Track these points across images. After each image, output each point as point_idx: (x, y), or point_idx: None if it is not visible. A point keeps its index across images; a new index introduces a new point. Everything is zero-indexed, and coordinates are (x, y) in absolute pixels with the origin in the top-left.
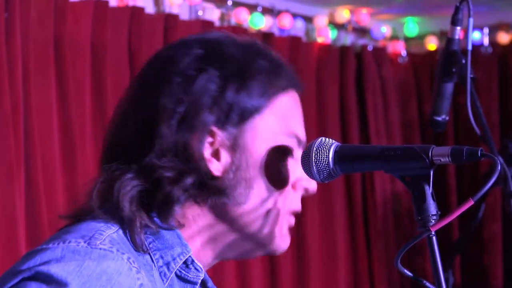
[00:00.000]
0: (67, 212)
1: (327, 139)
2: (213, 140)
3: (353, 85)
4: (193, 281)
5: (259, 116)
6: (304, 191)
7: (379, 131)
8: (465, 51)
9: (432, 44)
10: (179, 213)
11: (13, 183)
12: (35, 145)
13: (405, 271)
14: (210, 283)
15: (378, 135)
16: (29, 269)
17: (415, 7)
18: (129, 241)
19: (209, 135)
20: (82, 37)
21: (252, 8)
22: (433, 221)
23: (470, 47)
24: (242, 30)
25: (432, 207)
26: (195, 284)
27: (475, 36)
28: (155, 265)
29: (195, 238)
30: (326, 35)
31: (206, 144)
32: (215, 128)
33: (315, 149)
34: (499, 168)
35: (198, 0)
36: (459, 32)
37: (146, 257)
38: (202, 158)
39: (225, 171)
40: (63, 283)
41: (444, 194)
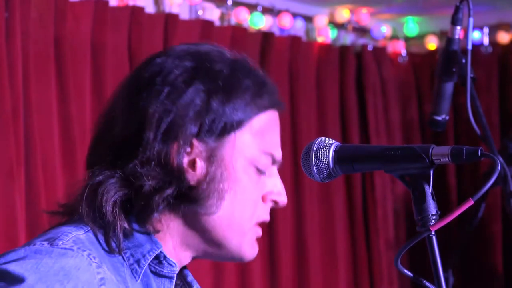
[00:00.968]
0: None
1: (327, 139)
2: (190, 150)
3: (353, 84)
4: (168, 276)
5: (239, 132)
6: (273, 203)
7: (379, 131)
8: (465, 51)
9: (432, 44)
10: (156, 218)
11: (13, 182)
12: (35, 144)
13: (405, 271)
14: (190, 277)
15: (378, 135)
16: None
17: (415, 6)
18: (98, 242)
19: (189, 146)
20: (82, 37)
21: (252, 7)
22: (433, 220)
23: (470, 47)
24: (242, 30)
25: (432, 207)
26: (171, 278)
27: (475, 35)
28: (126, 263)
29: (167, 240)
30: (326, 34)
31: (184, 154)
32: (195, 140)
33: (315, 149)
34: (499, 168)
35: None
36: (459, 31)
37: (118, 258)
38: (182, 168)
39: (199, 181)
40: (20, 279)
41: (444, 194)
